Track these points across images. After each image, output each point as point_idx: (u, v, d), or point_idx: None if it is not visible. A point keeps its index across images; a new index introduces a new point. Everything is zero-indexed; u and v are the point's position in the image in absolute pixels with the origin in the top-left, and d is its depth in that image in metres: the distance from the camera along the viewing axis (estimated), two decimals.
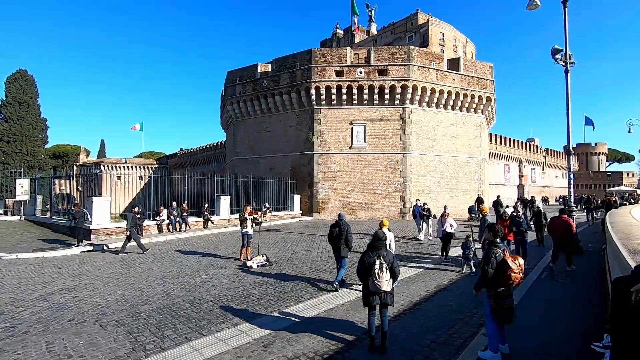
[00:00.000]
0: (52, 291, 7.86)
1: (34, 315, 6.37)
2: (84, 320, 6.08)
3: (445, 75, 26.07)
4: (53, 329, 5.75)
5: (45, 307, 6.78)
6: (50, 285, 8.32)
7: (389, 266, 4.78)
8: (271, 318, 6.16)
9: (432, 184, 25.87)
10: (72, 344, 5.17)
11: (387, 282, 4.70)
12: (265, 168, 27.68)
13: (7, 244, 13.65)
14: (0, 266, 10.47)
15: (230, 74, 30.72)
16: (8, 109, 53.35)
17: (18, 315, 6.38)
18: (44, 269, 10.16)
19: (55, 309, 6.71)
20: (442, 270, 9.84)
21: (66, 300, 7.19)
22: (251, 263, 10.19)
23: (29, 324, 5.96)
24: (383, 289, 4.69)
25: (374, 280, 4.70)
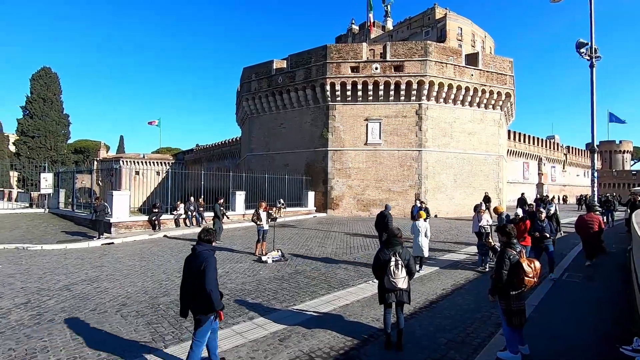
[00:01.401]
0: (75, 281, 8.12)
1: (59, 304, 6.60)
2: (105, 311, 6.27)
3: (463, 70, 25.55)
4: (77, 317, 5.94)
5: (69, 297, 7.01)
6: (73, 276, 8.60)
7: (405, 263, 4.73)
8: (287, 312, 6.21)
9: (448, 182, 25.48)
10: (95, 332, 5.32)
11: (402, 279, 4.65)
12: (279, 164, 27.81)
13: (32, 236, 14.17)
14: (26, 257, 10.89)
15: (246, 70, 30.91)
16: (33, 105, 55.19)
17: (44, 304, 6.62)
18: (67, 260, 10.51)
19: (79, 298, 6.93)
20: (459, 268, 9.70)
21: (89, 291, 7.41)
22: (266, 258, 10.28)
23: (54, 312, 6.17)
24: (398, 286, 4.64)
25: (389, 277, 4.66)
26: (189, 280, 4.17)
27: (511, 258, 4.33)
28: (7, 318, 5.89)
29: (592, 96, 12.10)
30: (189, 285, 4.17)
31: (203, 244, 4.34)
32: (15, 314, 6.09)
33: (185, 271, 4.27)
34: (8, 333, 5.30)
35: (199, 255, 4.17)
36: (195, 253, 4.22)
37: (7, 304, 6.54)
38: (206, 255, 4.16)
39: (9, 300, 6.79)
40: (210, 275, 4.00)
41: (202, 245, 4.32)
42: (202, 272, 3.99)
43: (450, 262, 10.46)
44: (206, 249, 4.28)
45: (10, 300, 6.79)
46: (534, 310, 6.24)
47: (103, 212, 13.99)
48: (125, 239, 13.94)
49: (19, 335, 5.21)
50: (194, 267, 4.12)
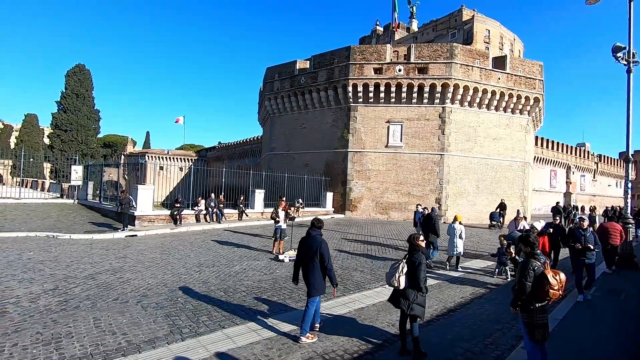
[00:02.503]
0: (99, 271, 8.42)
1: (84, 292, 6.86)
2: (127, 301, 6.46)
3: (490, 74, 24.89)
4: (100, 306, 6.16)
5: (93, 286, 7.28)
6: (98, 266, 8.93)
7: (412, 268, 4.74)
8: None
9: (471, 187, 24.88)
10: (116, 321, 5.51)
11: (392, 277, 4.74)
12: (299, 164, 27.93)
13: (62, 225, 14.82)
14: (56, 245, 11.39)
15: (269, 70, 31.24)
16: (67, 100, 57.72)
17: (70, 291, 6.90)
18: (93, 250, 10.92)
19: (103, 287, 7.18)
20: (479, 277, 9.44)
21: (112, 281, 7.67)
22: (283, 257, 10.34)
23: (79, 300, 6.42)
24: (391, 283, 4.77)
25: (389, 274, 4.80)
26: (304, 257, 5.33)
27: (535, 269, 4.16)
28: (36, 303, 6.17)
29: (629, 103, 11.51)
30: (303, 259, 5.34)
31: (315, 229, 5.47)
32: (44, 299, 6.38)
33: (300, 248, 5.44)
34: (36, 317, 5.56)
35: (314, 238, 5.33)
36: (310, 236, 5.40)
37: (37, 290, 6.86)
38: (320, 240, 5.31)
39: (39, 285, 7.12)
40: (327, 255, 5.21)
41: (315, 231, 5.46)
42: (319, 253, 5.16)
43: (470, 270, 10.20)
44: (318, 234, 5.42)
45: (40, 286, 7.11)
46: (558, 324, 6.00)
47: (128, 205, 14.46)
48: (148, 231, 14.36)
49: (46, 320, 5.45)
50: (307, 247, 5.32)
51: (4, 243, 11.20)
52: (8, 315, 5.60)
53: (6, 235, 12.37)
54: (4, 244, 11.00)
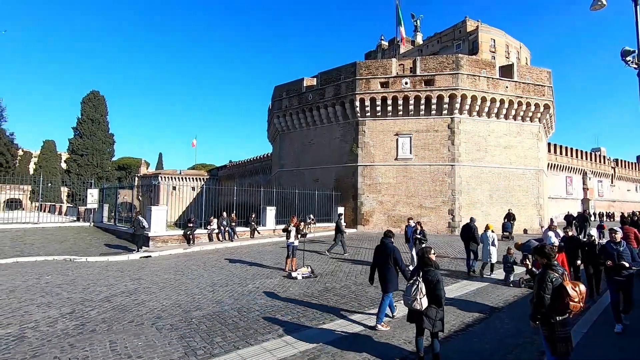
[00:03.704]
0: (115, 293, 8.50)
1: (100, 315, 6.92)
2: (142, 323, 6.49)
3: (497, 83, 24.85)
4: (116, 329, 6.19)
5: (109, 308, 7.34)
6: (113, 288, 9.02)
7: (430, 286, 4.62)
8: (316, 331, 6.13)
9: (484, 197, 24.50)
10: (132, 344, 5.52)
11: (415, 300, 4.58)
12: (309, 179, 28.03)
13: (78, 248, 15.08)
14: (72, 268, 11.57)
15: (277, 88, 31.82)
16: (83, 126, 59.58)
17: (86, 314, 6.97)
18: (108, 272, 11.05)
19: (118, 310, 7.23)
20: (497, 289, 9.20)
21: (127, 303, 7.73)
22: (296, 274, 10.27)
23: (95, 323, 6.48)
24: (410, 304, 4.59)
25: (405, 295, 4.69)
26: (379, 261, 6.49)
27: (553, 281, 4.04)
28: (54, 327, 6.25)
29: None
30: (378, 262, 6.50)
31: (387, 238, 6.79)
32: (61, 323, 6.45)
33: (376, 254, 6.63)
34: (54, 341, 5.62)
35: (387, 245, 6.54)
36: (384, 244, 6.61)
37: (54, 313, 6.95)
38: (392, 246, 6.51)
39: (56, 309, 7.21)
40: (400, 258, 6.41)
41: (387, 239, 6.75)
42: (393, 257, 6.31)
43: (488, 283, 9.96)
44: (390, 242, 6.70)
45: (57, 309, 7.21)
46: (583, 337, 5.77)
47: (139, 225, 14.66)
48: (161, 252, 14.49)
49: (63, 344, 5.50)
50: (382, 252, 6.51)
51: (24, 267, 11.44)
52: (27, 340, 5.68)
53: (25, 259, 12.65)
54: (23, 269, 11.23)
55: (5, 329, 6.11)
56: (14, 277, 9.99)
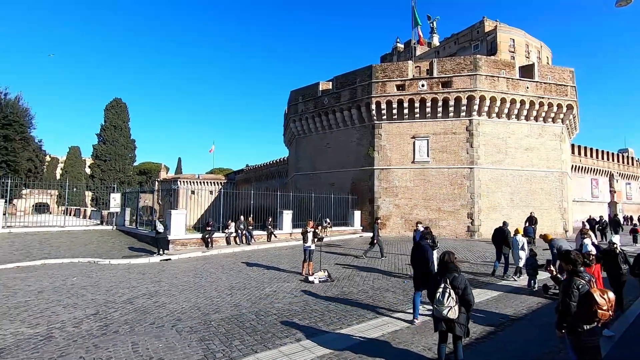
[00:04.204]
0: (137, 295, 8.71)
1: (122, 316, 7.09)
2: (162, 325, 6.61)
3: (517, 83, 24.28)
4: (137, 330, 6.33)
5: (131, 310, 7.52)
6: (135, 290, 9.24)
7: (459, 292, 4.43)
8: (334, 336, 6.10)
9: (504, 201, 23.89)
10: (153, 346, 5.63)
11: (448, 308, 4.36)
12: (325, 183, 28.03)
13: (102, 251, 15.54)
14: (96, 270, 11.93)
15: (293, 93, 32.07)
16: (106, 132, 61.57)
17: (110, 315, 7.16)
18: (130, 274, 11.33)
19: (140, 312, 7.40)
20: (520, 295, 8.93)
21: (148, 305, 7.89)
22: (313, 278, 10.26)
23: (118, 324, 6.64)
24: (444, 314, 4.37)
25: (435, 304, 4.45)
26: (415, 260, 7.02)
27: (580, 288, 3.89)
28: (79, 327, 6.45)
29: None
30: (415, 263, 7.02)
31: (424, 240, 7.61)
32: (86, 324, 6.65)
33: (413, 254, 7.20)
34: (79, 342, 5.79)
35: (422, 246, 7.10)
36: (420, 245, 7.21)
37: (80, 315, 7.17)
38: (427, 248, 7.11)
39: (81, 310, 7.44)
40: (432, 259, 7.07)
41: (424, 241, 7.50)
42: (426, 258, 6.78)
43: (510, 289, 9.68)
44: (427, 243, 7.42)
45: (82, 310, 7.44)
46: (614, 347, 5.52)
47: (155, 228, 15.01)
48: (181, 255, 14.76)
49: (88, 345, 5.66)
50: (418, 252, 7.03)
51: (51, 269, 11.87)
52: (54, 340, 5.88)
53: (52, 261, 13.12)
54: (50, 270, 11.66)
55: (34, 329, 6.35)
56: (42, 279, 10.37)
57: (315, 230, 11.64)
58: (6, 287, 9.21)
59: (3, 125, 37.85)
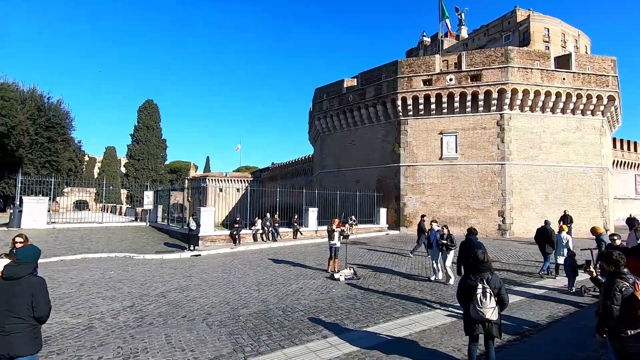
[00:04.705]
0: (169, 289, 9.06)
1: (156, 309, 7.40)
2: (194, 318, 6.84)
3: (552, 75, 23.10)
4: (170, 323, 6.59)
5: (164, 303, 7.83)
6: (168, 284, 9.61)
7: (495, 292, 4.26)
8: (360, 334, 6.08)
9: (538, 198, 22.86)
10: (185, 338, 5.84)
11: (491, 309, 4.18)
12: (351, 180, 27.92)
13: (136, 246, 16.27)
14: (132, 265, 12.50)
15: (318, 90, 32.11)
16: (139, 133, 64.22)
17: (144, 308, 7.49)
18: (163, 269, 11.80)
19: (172, 305, 7.69)
20: (556, 297, 8.53)
21: (180, 299, 8.19)
22: (339, 275, 10.27)
23: (153, 317, 6.94)
24: (487, 316, 4.18)
25: (476, 306, 4.22)
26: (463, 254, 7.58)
27: (623, 290, 3.67)
28: (117, 319, 6.79)
29: None
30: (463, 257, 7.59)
31: (472, 235, 8.14)
32: (123, 315, 6.99)
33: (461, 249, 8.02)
34: (117, 332, 6.10)
35: (472, 242, 7.86)
36: (469, 240, 7.92)
37: (117, 307, 7.55)
38: (476, 243, 7.74)
39: (119, 303, 7.83)
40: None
41: (472, 236, 8.10)
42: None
43: (546, 290, 9.27)
44: (475, 238, 8.04)
45: (120, 303, 7.83)
46: None
47: (188, 225, 15.53)
48: (210, 251, 15.20)
49: (125, 335, 5.96)
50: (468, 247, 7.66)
51: (91, 263, 12.56)
52: (94, 330, 6.23)
53: (92, 256, 13.88)
54: (90, 264, 12.34)
55: (77, 319, 6.75)
56: (82, 272, 11.00)
57: (341, 229, 11.60)
58: (52, 279, 9.83)
59: (46, 128, 40.38)
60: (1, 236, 15.56)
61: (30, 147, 38.59)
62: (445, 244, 9.70)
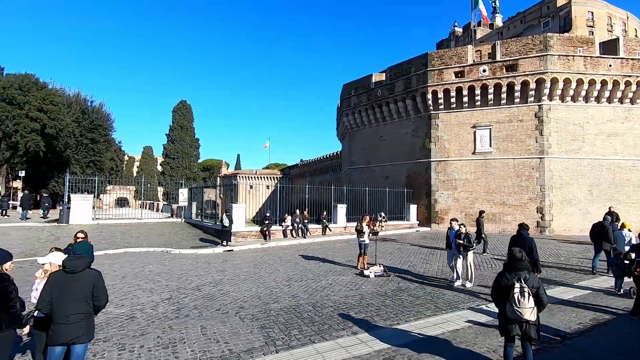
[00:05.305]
0: (204, 283, 9.40)
1: (192, 302, 7.71)
2: (227, 311, 7.07)
3: (598, 62, 21.59)
4: (205, 315, 6.85)
5: (199, 296, 8.15)
6: (202, 278, 9.98)
7: (534, 291, 4.06)
8: (390, 331, 6.03)
9: (582, 194, 21.54)
10: (219, 330, 6.05)
11: (529, 309, 3.98)
12: (380, 177, 27.62)
13: (173, 241, 17.00)
14: (169, 259, 13.09)
15: (346, 86, 31.93)
16: (173, 132, 66.82)
17: (181, 300, 7.83)
18: (198, 263, 12.26)
19: (207, 298, 7.99)
20: (601, 299, 8.03)
21: (214, 292, 8.49)
22: (368, 272, 10.22)
23: (189, 309, 7.24)
24: (525, 317, 3.98)
25: (513, 306, 4.03)
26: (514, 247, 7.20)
27: None
28: (156, 310, 7.15)
29: None
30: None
31: (524, 230, 8.01)
32: (162, 307, 7.35)
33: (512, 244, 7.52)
34: (156, 323, 6.43)
35: (525, 237, 7.75)
36: (522, 235, 7.83)
37: (156, 298, 7.94)
38: (530, 238, 7.75)
39: (157, 295, 8.24)
40: (535, 248, 7.67)
41: (524, 231, 7.96)
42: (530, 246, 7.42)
43: (590, 290, 8.75)
44: (527, 233, 7.98)
45: (158, 295, 8.23)
46: None
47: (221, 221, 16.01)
48: (241, 247, 15.61)
49: (164, 326, 6.26)
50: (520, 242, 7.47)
51: (131, 257, 13.29)
52: (136, 320, 6.59)
53: (132, 250, 14.67)
54: (131, 258, 13.05)
55: (120, 309, 7.18)
56: (124, 265, 11.66)
57: (371, 226, 11.50)
58: None
59: (90, 129, 42.95)
60: (52, 231, 16.79)
61: (76, 148, 41.22)
62: (462, 243, 8.89)
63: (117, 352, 5.24)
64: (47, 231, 16.79)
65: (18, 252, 12.37)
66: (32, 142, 33.08)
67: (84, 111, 43.53)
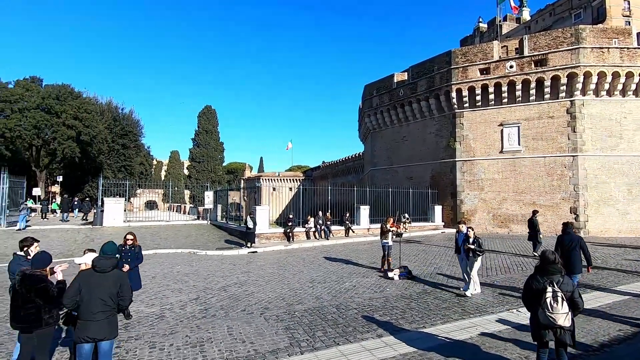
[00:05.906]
0: (229, 284, 9.58)
1: (218, 302, 7.88)
2: (252, 312, 7.17)
3: (635, 53, 20.40)
4: (231, 315, 6.98)
5: (225, 297, 8.31)
6: (228, 279, 10.17)
7: (568, 296, 3.86)
8: (416, 334, 5.93)
9: (619, 193, 20.37)
10: (245, 330, 6.15)
11: (564, 315, 3.77)
12: (403, 177, 27.24)
13: (199, 243, 17.44)
14: (196, 260, 13.44)
15: (367, 87, 31.74)
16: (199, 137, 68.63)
17: (208, 300, 8.02)
18: (223, 264, 12.51)
19: (232, 299, 8.13)
20: None
21: (239, 293, 8.63)
22: (392, 274, 10.08)
23: (215, 309, 7.40)
24: (558, 323, 3.78)
25: (545, 311, 3.84)
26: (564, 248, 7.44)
27: None
28: (184, 310, 7.36)
29: None
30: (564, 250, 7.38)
31: (569, 228, 7.84)
32: (190, 307, 7.55)
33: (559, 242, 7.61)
34: (185, 322, 6.61)
35: (571, 235, 7.64)
36: (568, 234, 7.67)
37: (184, 298, 8.17)
38: (577, 237, 7.65)
39: (185, 295, 8.47)
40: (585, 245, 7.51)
41: (569, 229, 7.82)
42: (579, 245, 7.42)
43: (630, 296, 8.25)
44: (573, 232, 7.84)
45: (186, 295, 8.46)
46: None
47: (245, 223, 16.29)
48: (265, 248, 15.80)
49: (192, 325, 6.43)
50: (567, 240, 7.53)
51: (160, 258, 13.74)
52: (165, 319, 6.81)
53: (162, 251, 15.17)
54: (160, 259, 13.49)
55: (150, 308, 7.43)
56: (154, 266, 12.07)
57: (397, 230, 11.31)
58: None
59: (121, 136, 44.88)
60: (87, 233, 17.64)
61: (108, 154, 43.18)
62: (472, 248, 8.28)
63: (148, 349, 5.43)
64: (82, 233, 17.65)
65: (57, 252, 13.09)
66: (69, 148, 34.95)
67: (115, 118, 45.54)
